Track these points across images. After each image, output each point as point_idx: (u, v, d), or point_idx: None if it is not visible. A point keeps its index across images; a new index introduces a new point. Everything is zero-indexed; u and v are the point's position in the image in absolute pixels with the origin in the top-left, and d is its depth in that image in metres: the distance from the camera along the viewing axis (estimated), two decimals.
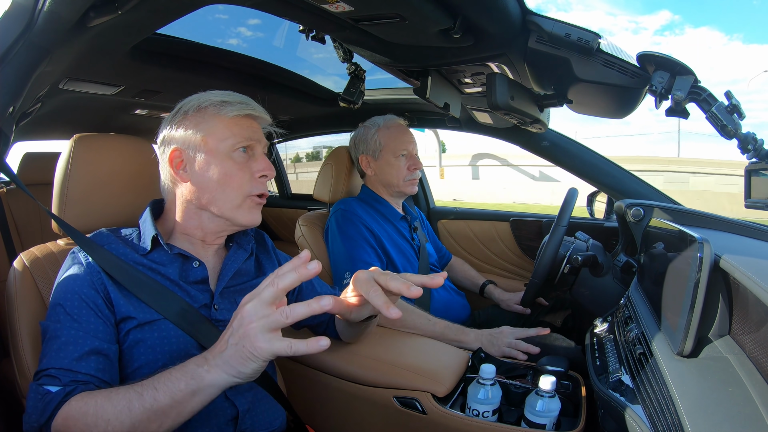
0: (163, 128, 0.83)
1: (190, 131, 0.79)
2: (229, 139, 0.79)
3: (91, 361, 0.67)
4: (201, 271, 0.81)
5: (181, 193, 0.81)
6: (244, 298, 0.61)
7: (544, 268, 1.21)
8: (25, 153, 2.09)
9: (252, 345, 0.57)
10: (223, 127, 0.79)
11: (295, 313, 0.57)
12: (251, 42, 1.46)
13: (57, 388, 0.64)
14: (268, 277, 0.60)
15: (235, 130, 0.79)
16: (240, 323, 0.58)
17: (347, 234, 1.33)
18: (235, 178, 0.79)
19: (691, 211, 1.15)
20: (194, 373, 0.60)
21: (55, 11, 0.69)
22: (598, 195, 1.73)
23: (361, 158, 1.49)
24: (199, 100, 0.81)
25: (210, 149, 0.78)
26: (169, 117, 0.83)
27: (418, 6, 0.82)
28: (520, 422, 0.89)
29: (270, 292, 0.58)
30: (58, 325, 0.68)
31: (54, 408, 0.62)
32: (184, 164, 0.79)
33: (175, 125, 0.81)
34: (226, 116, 0.79)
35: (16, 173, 0.88)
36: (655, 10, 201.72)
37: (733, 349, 0.64)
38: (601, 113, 1.20)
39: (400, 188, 1.47)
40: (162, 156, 0.82)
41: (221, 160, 0.78)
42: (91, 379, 0.66)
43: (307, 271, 0.58)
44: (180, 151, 0.79)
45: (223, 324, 0.79)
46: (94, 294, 0.71)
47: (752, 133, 0.85)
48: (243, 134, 0.80)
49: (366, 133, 1.48)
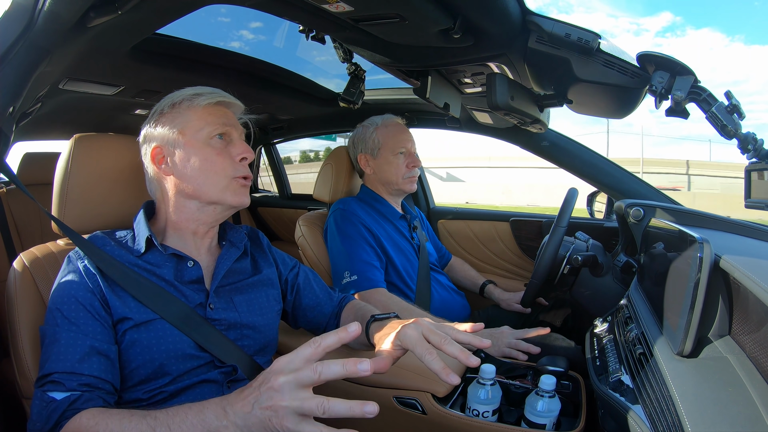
0: (142, 130, 0.85)
1: (167, 128, 0.81)
2: (204, 128, 0.80)
3: (93, 361, 0.68)
4: (195, 270, 0.81)
5: (168, 187, 0.83)
6: (278, 363, 0.55)
7: (544, 268, 1.21)
8: (25, 153, 2.09)
9: (280, 424, 0.53)
10: (197, 117, 0.81)
11: (328, 372, 0.54)
12: (253, 45, 1.46)
13: (62, 395, 0.64)
14: (309, 364, 0.54)
15: (209, 119, 0.81)
16: (270, 396, 0.54)
17: (346, 233, 1.33)
18: (216, 163, 0.80)
19: (691, 211, 1.15)
20: (211, 425, 0.57)
21: (55, 11, 0.69)
22: (598, 195, 1.73)
23: (360, 157, 1.50)
24: (172, 98, 0.83)
25: (188, 141, 0.80)
26: (148, 118, 0.85)
27: (418, 6, 0.82)
28: (520, 422, 0.89)
29: (308, 377, 0.53)
30: (57, 329, 0.69)
31: (59, 416, 0.63)
32: (166, 159, 0.81)
33: (153, 124, 0.83)
34: (198, 106, 0.81)
35: (16, 173, 0.88)
36: (656, 12, 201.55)
37: (733, 349, 0.64)
38: (601, 113, 1.20)
39: (399, 186, 1.47)
40: (144, 156, 0.84)
41: (200, 149, 0.80)
42: (94, 381, 0.67)
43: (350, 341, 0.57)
44: (160, 148, 0.81)
45: (218, 323, 0.80)
46: (91, 296, 0.72)
47: (752, 133, 0.85)
48: (217, 121, 0.82)
49: (364, 132, 1.49)
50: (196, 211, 0.83)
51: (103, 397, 0.67)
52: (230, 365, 0.79)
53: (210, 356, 0.77)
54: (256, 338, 0.85)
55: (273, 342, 0.91)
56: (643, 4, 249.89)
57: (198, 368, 0.77)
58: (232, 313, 0.82)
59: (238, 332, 0.82)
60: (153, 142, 0.82)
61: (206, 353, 0.77)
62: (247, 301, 0.86)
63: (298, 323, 1.02)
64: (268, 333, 0.88)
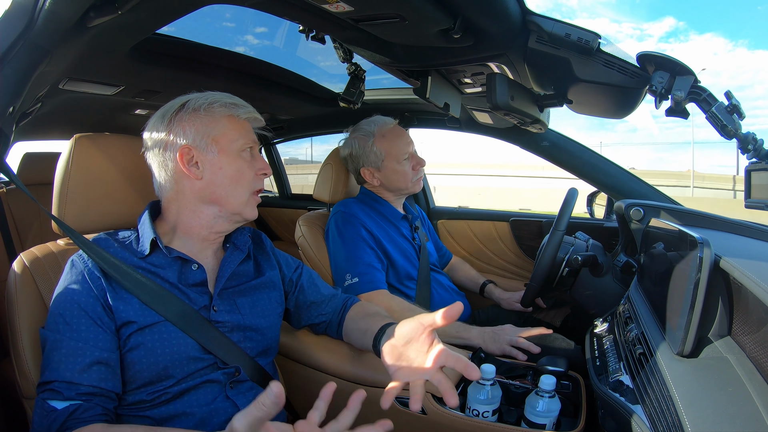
0: (160, 122, 0.81)
1: (201, 130, 0.80)
2: (239, 140, 0.83)
3: (93, 371, 0.68)
4: (200, 273, 0.81)
5: (188, 188, 0.81)
6: (237, 425, 0.52)
7: (543, 270, 1.21)
8: (25, 153, 2.09)
9: None
10: (234, 128, 0.83)
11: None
12: (258, 50, 1.46)
13: (61, 404, 0.65)
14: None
15: (242, 131, 0.84)
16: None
17: (347, 236, 1.33)
18: (245, 175, 0.83)
19: (691, 211, 1.15)
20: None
21: (55, 11, 0.69)
22: (598, 195, 1.73)
23: (363, 171, 1.45)
24: (207, 99, 0.82)
25: (222, 148, 0.81)
26: (169, 112, 0.81)
27: (418, 6, 0.82)
28: (520, 422, 0.89)
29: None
30: (58, 335, 0.69)
31: (59, 426, 0.64)
32: (194, 161, 0.80)
33: (182, 122, 0.80)
34: (238, 118, 0.84)
35: (16, 173, 0.88)
36: (659, 17, 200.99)
37: (733, 350, 0.64)
38: (601, 113, 1.20)
39: (409, 190, 1.46)
40: (163, 152, 0.81)
41: (233, 158, 0.82)
42: (93, 390, 0.67)
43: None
44: (190, 149, 0.80)
45: (222, 325, 0.80)
46: (94, 302, 0.72)
47: (752, 133, 0.85)
48: (249, 136, 0.85)
49: (362, 145, 1.42)
50: (212, 218, 0.83)
51: (103, 405, 0.68)
52: (233, 366, 0.79)
53: (213, 358, 0.78)
54: (259, 340, 0.86)
55: (275, 344, 0.91)
56: (646, 10, 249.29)
57: (201, 370, 0.77)
58: (236, 316, 0.82)
59: (241, 334, 0.83)
60: (182, 140, 0.79)
61: (210, 355, 0.77)
62: (251, 303, 0.86)
63: (302, 321, 1.02)
64: (270, 335, 0.88)
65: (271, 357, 0.91)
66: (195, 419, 0.74)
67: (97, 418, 0.66)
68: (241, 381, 0.80)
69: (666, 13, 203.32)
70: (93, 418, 0.66)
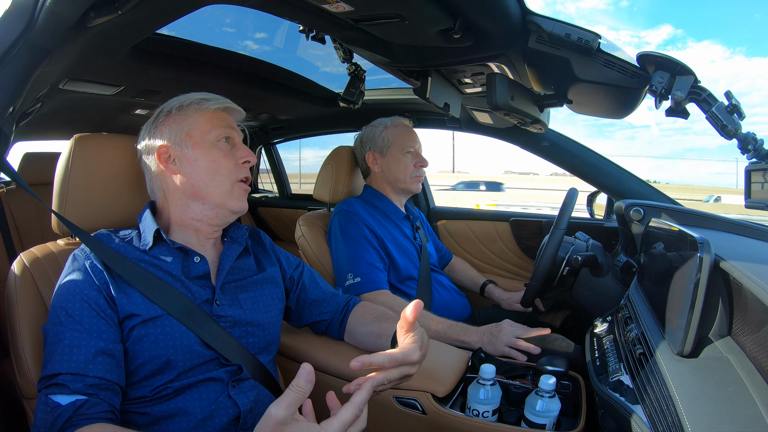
0: (145, 130, 0.87)
1: (174, 128, 0.83)
2: (212, 131, 0.84)
3: (99, 362, 0.67)
4: (202, 266, 0.82)
5: (171, 186, 0.84)
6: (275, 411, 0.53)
7: (543, 270, 1.21)
8: (25, 153, 2.09)
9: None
10: (205, 120, 0.84)
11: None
12: (257, 55, 1.47)
13: (67, 399, 0.63)
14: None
15: (216, 122, 0.85)
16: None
17: (349, 235, 1.34)
18: (223, 164, 0.84)
19: (691, 211, 1.15)
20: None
21: (55, 11, 0.69)
22: (598, 195, 1.73)
23: (368, 155, 1.51)
24: (180, 100, 0.86)
25: (196, 142, 0.83)
26: (152, 119, 0.87)
27: (418, 6, 0.82)
28: (520, 422, 0.89)
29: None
30: (61, 327, 0.68)
31: (64, 423, 0.62)
32: (173, 158, 0.83)
33: (159, 125, 0.85)
34: (207, 110, 0.85)
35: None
36: (657, 25, 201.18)
37: (733, 350, 0.64)
38: (601, 113, 1.20)
39: (406, 184, 1.48)
40: (148, 155, 0.85)
41: (207, 150, 0.83)
42: (100, 382, 0.66)
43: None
44: (167, 147, 0.83)
45: (224, 320, 0.80)
46: (96, 294, 0.72)
47: (752, 133, 0.85)
48: (223, 124, 0.85)
49: (373, 131, 1.51)
50: (199, 212, 0.84)
51: (108, 400, 0.67)
52: (235, 364, 0.79)
53: (215, 353, 0.78)
54: (261, 336, 0.86)
55: (276, 340, 0.92)
56: (644, 17, 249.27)
57: (203, 365, 0.77)
58: (238, 310, 0.83)
59: (243, 329, 0.83)
60: (159, 141, 0.83)
61: (211, 350, 0.77)
62: (252, 298, 0.86)
63: (303, 320, 1.02)
64: (271, 331, 0.89)
65: (272, 354, 0.91)
66: (196, 418, 0.73)
67: (102, 415, 0.65)
68: (243, 379, 0.80)
69: (664, 21, 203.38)
70: (99, 414, 0.64)
